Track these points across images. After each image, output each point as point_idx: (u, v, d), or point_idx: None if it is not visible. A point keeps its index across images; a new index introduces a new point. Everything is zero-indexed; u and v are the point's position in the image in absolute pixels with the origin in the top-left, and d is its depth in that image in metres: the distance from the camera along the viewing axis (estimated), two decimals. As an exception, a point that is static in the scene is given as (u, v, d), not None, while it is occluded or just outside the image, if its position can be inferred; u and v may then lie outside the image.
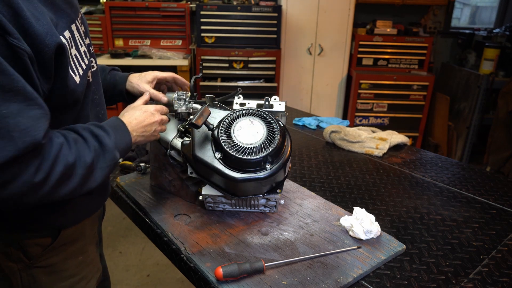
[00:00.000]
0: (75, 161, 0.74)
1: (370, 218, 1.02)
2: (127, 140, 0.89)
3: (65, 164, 0.71)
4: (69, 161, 0.72)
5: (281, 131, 0.98)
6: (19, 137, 0.63)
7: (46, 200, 0.72)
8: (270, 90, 3.62)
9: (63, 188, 0.73)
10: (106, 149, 0.81)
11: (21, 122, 0.63)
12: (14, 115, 0.62)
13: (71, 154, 0.73)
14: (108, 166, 0.81)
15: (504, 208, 1.24)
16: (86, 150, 0.77)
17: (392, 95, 3.89)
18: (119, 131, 0.88)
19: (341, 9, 3.70)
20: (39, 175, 0.68)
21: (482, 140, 4.19)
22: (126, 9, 3.55)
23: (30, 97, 0.65)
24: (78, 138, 0.77)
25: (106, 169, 0.81)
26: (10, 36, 0.63)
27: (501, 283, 0.91)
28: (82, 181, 0.76)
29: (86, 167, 0.76)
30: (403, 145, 1.74)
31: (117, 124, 0.89)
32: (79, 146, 0.76)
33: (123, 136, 0.88)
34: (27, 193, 0.68)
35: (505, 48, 3.96)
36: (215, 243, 0.99)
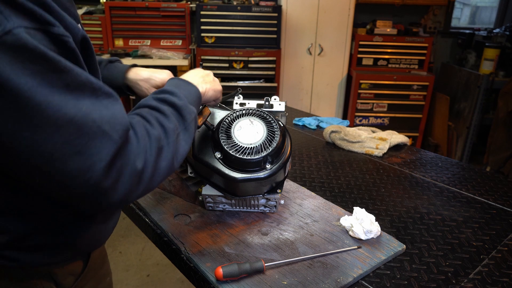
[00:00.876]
0: (160, 133, 0.69)
1: (370, 218, 1.02)
2: (194, 91, 0.84)
3: (154, 139, 0.67)
4: (155, 134, 0.67)
5: (281, 131, 0.98)
6: (111, 129, 0.58)
7: (151, 185, 0.68)
8: (270, 90, 3.62)
9: (162, 163, 0.68)
10: (179, 107, 0.75)
11: (103, 113, 0.58)
12: (93, 110, 0.57)
13: (154, 128, 0.68)
14: (190, 122, 0.77)
15: (504, 208, 1.24)
16: (164, 118, 0.72)
17: (392, 95, 3.89)
18: (181, 87, 0.82)
19: (341, 9, 3.70)
20: (139, 161, 0.63)
21: (482, 140, 4.19)
22: (126, 9, 3.55)
23: (96, 86, 0.60)
24: (151, 111, 0.73)
25: (189, 126, 0.76)
26: (54, 26, 0.56)
27: (501, 283, 0.91)
28: (175, 149, 0.71)
29: (172, 133, 0.71)
30: (403, 145, 1.74)
31: (176, 83, 0.84)
32: (156, 116, 0.71)
33: (188, 89, 0.83)
34: (136, 184, 0.64)
35: (505, 48, 3.96)
36: (215, 243, 0.99)
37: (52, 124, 0.53)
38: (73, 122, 0.54)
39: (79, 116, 0.55)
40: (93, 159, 0.56)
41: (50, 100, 0.53)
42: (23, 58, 0.51)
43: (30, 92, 0.51)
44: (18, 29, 0.51)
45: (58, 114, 0.53)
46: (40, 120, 0.52)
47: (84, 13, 3.55)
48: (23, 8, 0.53)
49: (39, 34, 0.54)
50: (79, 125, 0.55)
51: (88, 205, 0.63)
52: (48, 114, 0.53)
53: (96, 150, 0.56)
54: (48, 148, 0.54)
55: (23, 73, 0.51)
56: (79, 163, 0.56)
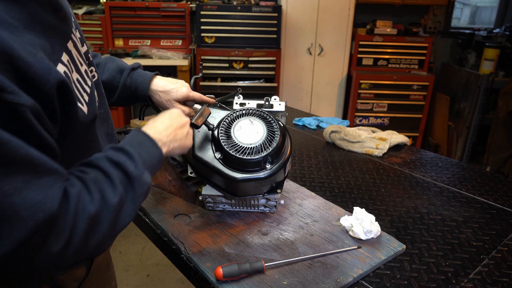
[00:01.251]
0: (98, 208, 0.62)
1: (370, 218, 1.02)
2: (156, 155, 0.75)
3: (87, 217, 0.60)
4: (91, 211, 0.61)
5: (281, 131, 0.98)
6: (29, 215, 0.52)
7: (77, 258, 0.63)
8: (270, 90, 3.62)
9: (92, 240, 0.62)
10: (133, 177, 0.68)
11: (29, 196, 0.52)
12: (19, 190, 0.51)
13: (93, 201, 0.62)
14: (140, 195, 0.69)
15: (504, 208, 1.24)
16: (109, 189, 0.64)
17: (392, 95, 3.89)
18: (144, 146, 0.74)
19: (341, 9, 3.70)
20: (58, 244, 0.57)
21: (482, 140, 4.19)
22: (126, 9, 3.55)
23: (37, 162, 0.53)
24: (97, 176, 0.65)
25: (138, 199, 0.69)
26: (3, 92, 0.50)
27: (501, 283, 0.91)
28: (113, 224, 0.65)
29: (113, 209, 0.64)
30: (403, 145, 1.74)
31: (139, 139, 0.75)
32: (101, 186, 0.64)
33: (150, 152, 0.74)
34: (51, 263, 0.59)
35: (505, 48, 3.96)
36: (215, 243, 0.99)
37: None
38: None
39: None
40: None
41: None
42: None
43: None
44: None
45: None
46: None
47: (84, 13, 3.55)
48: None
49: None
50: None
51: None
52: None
53: (4, 234, 0.51)
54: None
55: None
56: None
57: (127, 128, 1.60)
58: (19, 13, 0.56)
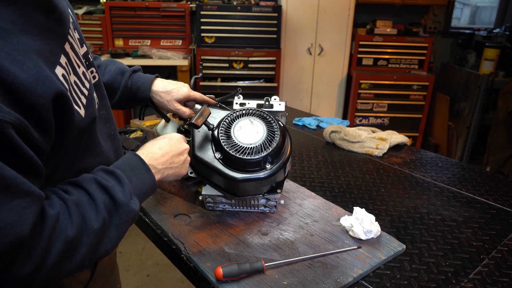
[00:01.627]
0: (77, 232, 0.60)
1: (370, 218, 1.02)
2: (148, 182, 0.74)
3: (64, 241, 0.58)
4: (69, 235, 0.58)
5: (281, 131, 0.98)
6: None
7: (50, 282, 0.60)
8: (270, 90, 3.62)
9: (67, 265, 0.60)
10: (119, 204, 0.66)
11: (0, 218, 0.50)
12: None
13: (72, 225, 0.59)
14: (125, 222, 0.67)
15: (504, 208, 1.24)
16: (92, 213, 0.62)
17: (392, 95, 3.89)
18: (137, 171, 0.72)
19: (341, 9, 3.70)
20: (27, 266, 0.54)
21: (482, 140, 4.19)
22: (126, 9, 3.55)
23: (10, 183, 0.51)
24: (81, 198, 0.63)
25: (122, 225, 0.67)
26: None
27: (501, 283, 0.91)
28: (93, 249, 0.62)
29: (95, 234, 0.62)
30: (403, 145, 1.74)
31: (133, 164, 0.73)
32: (83, 210, 0.62)
33: (142, 178, 0.73)
34: (19, 285, 0.56)
35: (505, 48, 3.96)
36: (215, 243, 0.99)
37: None
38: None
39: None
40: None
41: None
42: None
43: None
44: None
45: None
46: None
47: (84, 13, 3.56)
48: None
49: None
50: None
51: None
52: None
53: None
54: None
55: None
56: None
57: (127, 128, 1.60)
58: (14, 16, 0.54)
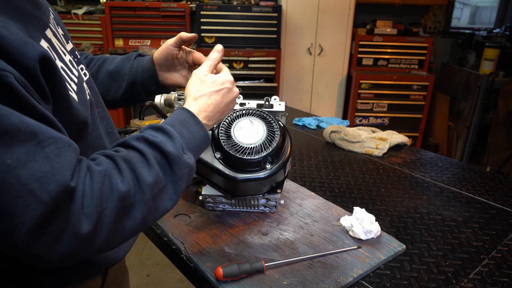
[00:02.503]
0: (130, 188, 0.58)
1: (370, 218, 1.02)
2: (200, 134, 0.71)
3: (118, 196, 0.56)
4: (122, 190, 0.56)
5: (281, 131, 0.98)
6: (40, 188, 0.48)
7: (112, 244, 0.59)
8: (270, 90, 3.62)
9: (128, 224, 0.58)
10: (171, 158, 0.63)
11: (35, 168, 0.48)
12: (23, 163, 0.48)
13: (123, 181, 0.57)
14: (181, 177, 0.64)
15: (504, 208, 1.24)
16: (144, 168, 0.60)
17: (392, 95, 3.89)
18: (187, 125, 0.69)
19: (341, 9, 3.70)
20: (85, 224, 0.53)
21: (482, 140, 4.19)
22: (126, 9, 3.55)
23: (35, 131, 0.49)
24: (130, 154, 0.61)
25: (179, 181, 0.64)
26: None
27: (501, 283, 0.91)
28: (151, 206, 0.60)
29: (150, 190, 0.59)
30: (403, 145, 1.74)
31: (183, 118, 0.70)
32: (133, 165, 0.59)
33: (194, 131, 0.70)
34: (82, 247, 0.54)
35: (505, 48, 3.96)
36: (215, 243, 0.99)
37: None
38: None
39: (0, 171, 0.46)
40: (15, 221, 0.48)
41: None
42: None
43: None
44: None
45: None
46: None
47: (84, 13, 3.55)
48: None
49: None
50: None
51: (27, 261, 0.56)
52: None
53: (18, 212, 0.47)
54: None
55: None
56: (1, 224, 0.48)
57: (127, 128, 1.60)
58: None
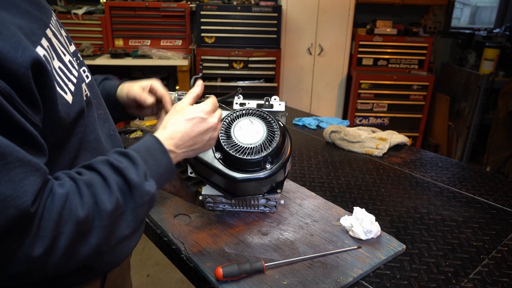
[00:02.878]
0: (89, 214, 0.57)
1: (370, 218, 1.02)
2: (164, 163, 0.71)
3: (75, 221, 0.55)
4: (80, 215, 0.56)
5: (281, 131, 0.98)
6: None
7: (64, 268, 0.58)
8: (270, 90, 3.62)
9: (82, 249, 0.58)
10: (132, 185, 0.62)
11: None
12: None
13: (82, 206, 0.57)
14: (140, 205, 0.64)
15: (504, 208, 1.24)
16: (105, 194, 0.59)
17: (392, 95, 3.89)
18: (152, 153, 0.69)
19: (341, 9, 3.70)
20: (38, 247, 0.52)
21: (482, 140, 4.19)
22: (126, 9, 3.55)
23: (4, 151, 0.48)
24: (93, 179, 0.60)
25: (139, 208, 0.64)
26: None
27: (501, 283, 0.91)
28: (108, 232, 0.60)
29: (108, 216, 0.59)
30: (403, 145, 1.74)
31: (148, 145, 0.70)
32: (94, 190, 0.59)
33: (158, 159, 0.70)
34: (33, 270, 0.54)
35: (505, 48, 3.96)
36: (215, 243, 0.99)
37: None
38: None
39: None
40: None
41: None
42: None
43: None
44: None
45: None
46: None
47: (84, 13, 3.56)
48: None
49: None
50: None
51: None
52: None
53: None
54: None
55: None
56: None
57: (127, 128, 1.60)
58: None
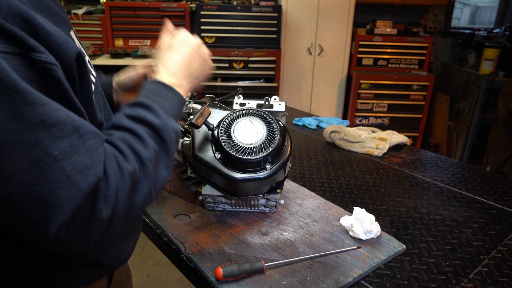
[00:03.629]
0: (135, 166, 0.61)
1: (370, 218, 1.02)
2: (175, 98, 0.73)
3: (127, 175, 0.59)
4: (129, 169, 0.59)
5: (281, 131, 0.98)
6: (81, 180, 0.51)
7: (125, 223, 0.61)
8: (270, 90, 3.63)
9: (137, 199, 0.61)
10: (158, 129, 0.65)
11: (79, 160, 0.51)
12: (68, 155, 0.50)
13: (128, 160, 0.60)
14: (170, 143, 0.67)
15: (504, 208, 1.24)
16: (139, 144, 0.63)
17: (392, 95, 3.89)
18: (160, 94, 0.72)
19: (341, 9, 3.70)
20: (107, 208, 0.55)
21: (482, 140, 4.19)
22: (126, 9, 3.55)
23: (79, 125, 0.52)
24: (124, 135, 0.63)
25: (170, 147, 0.67)
26: (35, 52, 0.49)
27: (501, 283, 0.91)
28: (153, 178, 0.63)
29: (150, 163, 0.63)
30: (403, 145, 1.74)
31: (153, 89, 0.72)
32: (130, 144, 0.62)
33: (168, 98, 0.72)
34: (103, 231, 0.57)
35: (505, 48, 3.96)
36: (215, 243, 0.99)
37: (13, 166, 0.47)
38: (39, 167, 0.48)
39: (46, 161, 0.48)
40: (55, 211, 0.50)
41: (16, 139, 0.47)
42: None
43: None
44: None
45: (22, 156, 0.47)
46: (2, 159, 0.47)
47: (84, 13, 3.56)
48: (2, 29, 0.47)
49: (17, 59, 0.48)
50: (44, 171, 0.49)
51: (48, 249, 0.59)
52: (10, 155, 0.47)
53: (59, 202, 0.50)
54: (8, 189, 0.48)
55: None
56: (38, 212, 0.50)
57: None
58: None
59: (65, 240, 0.54)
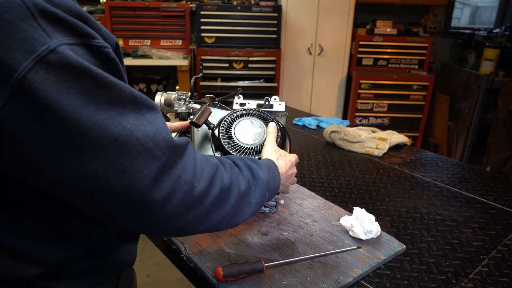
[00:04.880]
0: (230, 185, 0.68)
1: (370, 218, 1.02)
2: (276, 182, 0.84)
3: (221, 186, 0.66)
4: (225, 183, 0.67)
5: (281, 132, 0.98)
6: (154, 146, 0.56)
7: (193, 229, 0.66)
8: (270, 90, 3.62)
9: (213, 216, 0.67)
10: (259, 183, 0.76)
11: (147, 130, 0.56)
12: (138, 126, 0.55)
13: (227, 176, 0.68)
14: (257, 203, 0.76)
15: (504, 208, 1.24)
16: (240, 178, 0.72)
17: (392, 95, 3.89)
18: (272, 170, 0.83)
19: (341, 9, 3.70)
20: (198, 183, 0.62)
21: (482, 140, 4.19)
22: (126, 9, 3.55)
23: (139, 100, 0.57)
24: (232, 165, 0.73)
25: (254, 205, 0.75)
26: (93, 39, 0.54)
27: (501, 283, 0.91)
28: (233, 211, 0.70)
29: (240, 195, 0.70)
30: (403, 145, 1.74)
31: (270, 164, 0.84)
32: (235, 172, 0.71)
33: (274, 177, 0.83)
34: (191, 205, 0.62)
35: (505, 48, 3.96)
36: (215, 243, 0.99)
37: (97, 144, 0.52)
38: (118, 141, 0.53)
39: (124, 134, 0.54)
40: (137, 177, 0.55)
41: (95, 120, 0.51)
42: (68, 77, 0.49)
43: (75, 113, 0.50)
44: (62, 46, 0.49)
45: (103, 134, 0.52)
46: (85, 141, 0.51)
47: (84, 13, 3.56)
48: (64, 22, 0.51)
49: (81, 49, 0.52)
50: (123, 144, 0.53)
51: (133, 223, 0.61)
52: (92, 134, 0.51)
53: (139, 168, 0.55)
54: (91, 167, 0.52)
55: (68, 92, 0.49)
56: (122, 181, 0.54)
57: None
58: None
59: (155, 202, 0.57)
